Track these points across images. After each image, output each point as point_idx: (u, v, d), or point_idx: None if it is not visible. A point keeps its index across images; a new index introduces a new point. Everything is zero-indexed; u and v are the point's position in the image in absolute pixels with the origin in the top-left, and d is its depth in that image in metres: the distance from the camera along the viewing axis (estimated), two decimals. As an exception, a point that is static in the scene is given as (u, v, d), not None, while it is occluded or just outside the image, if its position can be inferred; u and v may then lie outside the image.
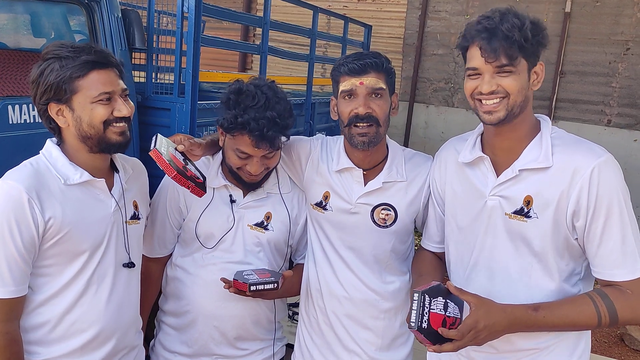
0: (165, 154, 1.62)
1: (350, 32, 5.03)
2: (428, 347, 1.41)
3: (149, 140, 1.69)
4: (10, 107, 2.21)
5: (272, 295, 1.87)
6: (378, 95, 1.75)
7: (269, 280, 1.75)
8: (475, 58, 1.46)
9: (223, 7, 3.21)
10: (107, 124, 1.54)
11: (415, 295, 1.40)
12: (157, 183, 1.97)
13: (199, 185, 1.69)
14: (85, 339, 1.60)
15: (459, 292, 1.43)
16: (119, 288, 1.66)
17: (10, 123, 2.21)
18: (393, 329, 1.94)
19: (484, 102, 1.47)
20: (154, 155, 1.61)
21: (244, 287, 1.73)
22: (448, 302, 1.43)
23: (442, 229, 1.78)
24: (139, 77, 3.24)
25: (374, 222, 1.84)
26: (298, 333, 2.07)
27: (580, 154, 1.45)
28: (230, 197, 1.90)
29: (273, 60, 3.95)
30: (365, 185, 1.85)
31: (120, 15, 2.74)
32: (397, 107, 1.85)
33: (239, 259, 1.90)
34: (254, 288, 1.72)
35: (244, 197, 1.92)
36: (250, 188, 1.90)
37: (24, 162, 1.55)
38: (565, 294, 1.50)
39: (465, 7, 7.26)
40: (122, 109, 1.55)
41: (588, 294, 1.47)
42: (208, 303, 1.90)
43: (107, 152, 1.60)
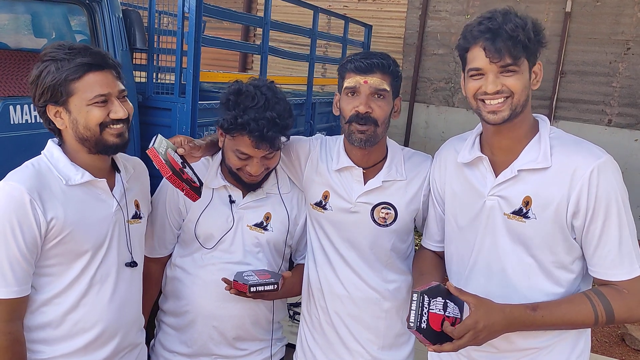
0: (163, 154, 1.62)
1: (351, 32, 5.03)
2: (428, 347, 1.42)
3: (150, 140, 1.68)
4: (12, 107, 2.22)
5: (272, 296, 1.88)
6: (380, 96, 1.75)
7: (269, 282, 1.76)
8: (479, 58, 1.46)
9: (224, 7, 3.22)
10: (103, 126, 1.53)
11: (414, 296, 1.40)
12: (157, 183, 1.97)
13: (194, 189, 1.68)
14: (89, 338, 1.61)
15: (459, 292, 1.43)
16: (122, 287, 1.67)
17: (12, 123, 2.22)
18: (395, 328, 1.94)
19: (488, 102, 1.47)
20: (151, 154, 1.60)
21: (244, 288, 1.73)
22: (447, 302, 1.44)
23: (442, 228, 1.78)
24: (140, 77, 3.25)
25: (374, 221, 1.85)
26: (300, 333, 2.08)
27: (580, 155, 1.45)
28: (230, 197, 1.91)
29: (273, 60, 3.95)
30: (365, 184, 1.85)
31: (121, 16, 2.74)
32: (399, 110, 1.85)
33: (238, 260, 1.90)
34: (254, 289, 1.73)
35: (244, 197, 1.92)
36: (250, 189, 1.91)
37: (26, 162, 1.55)
38: (564, 294, 1.51)
39: (466, 7, 7.27)
40: (118, 111, 1.54)
41: (585, 293, 1.48)
42: (207, 303, 1.91)
43: (105, 153, 1.59)
